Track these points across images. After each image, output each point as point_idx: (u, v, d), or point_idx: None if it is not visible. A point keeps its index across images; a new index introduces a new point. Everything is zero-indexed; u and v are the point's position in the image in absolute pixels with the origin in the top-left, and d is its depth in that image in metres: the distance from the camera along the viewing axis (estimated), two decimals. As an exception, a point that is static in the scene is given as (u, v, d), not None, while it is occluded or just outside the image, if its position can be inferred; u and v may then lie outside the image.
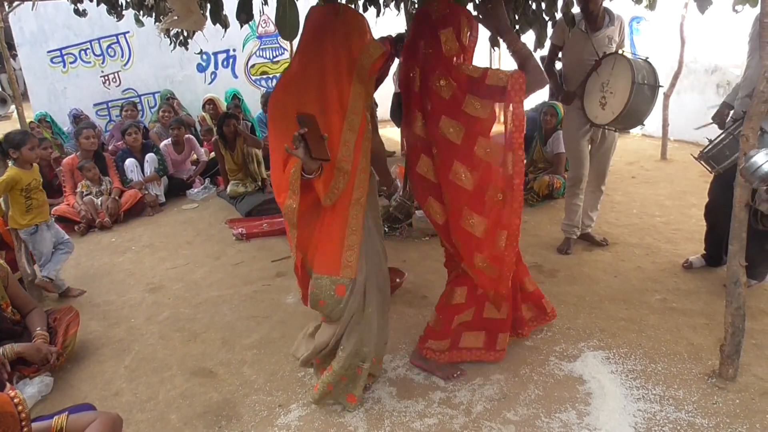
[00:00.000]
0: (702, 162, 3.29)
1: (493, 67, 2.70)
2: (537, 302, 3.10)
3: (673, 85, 6.19)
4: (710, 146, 3.23)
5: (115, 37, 8.70)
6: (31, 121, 7.32)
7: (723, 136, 3.15)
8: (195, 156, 7.00)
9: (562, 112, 5.46)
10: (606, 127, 3.82)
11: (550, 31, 3.60)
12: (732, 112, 3.42)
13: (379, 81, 2.49)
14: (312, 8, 2.39)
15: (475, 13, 2.59)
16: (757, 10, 2.30)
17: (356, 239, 2.38)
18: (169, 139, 6.73)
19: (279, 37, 9.40)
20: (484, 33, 2.57)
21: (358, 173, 2.36)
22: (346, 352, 2.51)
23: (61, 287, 4.11)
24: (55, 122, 8.02)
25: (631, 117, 3.55)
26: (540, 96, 7.59)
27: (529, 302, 3.08)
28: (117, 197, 5.80)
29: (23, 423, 1.69)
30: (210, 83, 9.34)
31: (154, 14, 4.40)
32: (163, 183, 6.37)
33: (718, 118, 3.51)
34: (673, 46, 6.26)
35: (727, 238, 2.55)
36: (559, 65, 4.25)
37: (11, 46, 8.64)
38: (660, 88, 3.61)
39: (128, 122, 6.70)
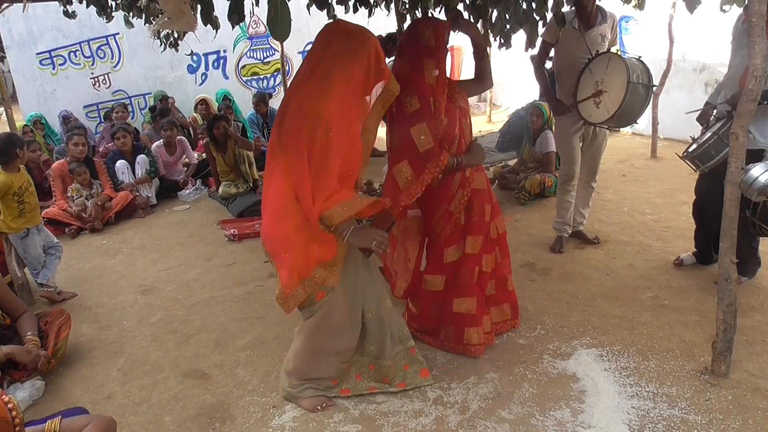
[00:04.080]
0: (687, 161, 3.31)
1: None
2: (514, 304, 3.16)
3: (662, 83, 6.23)
4: (695, 146, 3.25)
5: (104, 39, 8.65)
6: (24, 125, 7.25)
7: (708, 135, 3.17)
8: (186, 159, 6.96)
9: (548, 112, 5.48)
10: (599, 125, 3.83)
11: (540, 30, 3.61)
12: (715, 111, 3.43)
13: None
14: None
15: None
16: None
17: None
18: (161, 140, 6.70)
19: (270, 38, 9.41)
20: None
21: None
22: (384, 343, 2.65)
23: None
24: (48, 124, 7.95)
25: (625, 116, 3.56)
26: (529, 95, 7.64)
27: (507, 302, 3.12)
28: (108, 202, 5.75)
29: (17, 428, 1.68)
30: (201, 84, 9.32)
31: (144, 15, 4.38)
32: (154, 185, 6.33)
33: (703, 119, 3.52)
34: (661, 45, 6.31)
35: (716, 236, 2.56)
36: (548, 65, 4.25)
37: (-1, 48, 8.60)
38: (653, 88, 3.62)
39: (118, 124, 6.63)
